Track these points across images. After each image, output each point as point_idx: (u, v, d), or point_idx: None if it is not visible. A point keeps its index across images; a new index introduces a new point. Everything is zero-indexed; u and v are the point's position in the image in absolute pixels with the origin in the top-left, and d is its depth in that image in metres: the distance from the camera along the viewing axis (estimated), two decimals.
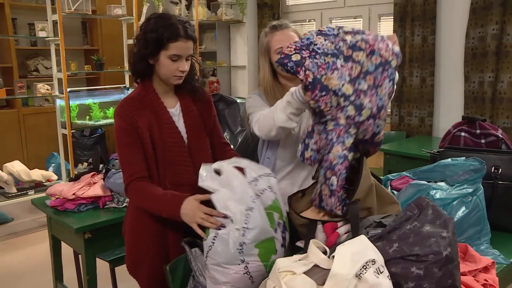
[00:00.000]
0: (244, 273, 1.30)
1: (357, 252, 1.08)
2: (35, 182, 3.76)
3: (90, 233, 2.05)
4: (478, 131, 2.02)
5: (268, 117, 1.62)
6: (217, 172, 1.40)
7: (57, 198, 2.17)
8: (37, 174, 3.76)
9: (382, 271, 1.07)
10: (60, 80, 3.98)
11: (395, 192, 1.78)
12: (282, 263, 1.15)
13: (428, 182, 1.73)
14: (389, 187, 1.85)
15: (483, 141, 1.99)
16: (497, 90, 3.54)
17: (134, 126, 1.58)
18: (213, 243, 1.30)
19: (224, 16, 5.19)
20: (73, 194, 2.13)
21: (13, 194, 3.66)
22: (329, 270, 1.06)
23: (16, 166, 3.69)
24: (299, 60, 1.37)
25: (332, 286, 1.03)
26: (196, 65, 1.72)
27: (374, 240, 1.23)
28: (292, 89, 1.53)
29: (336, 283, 1.03)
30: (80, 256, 2.31)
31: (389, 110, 4.18)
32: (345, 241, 1.18)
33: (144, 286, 1.69)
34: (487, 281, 1.33)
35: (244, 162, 1.46)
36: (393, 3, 4.01)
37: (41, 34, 3.80)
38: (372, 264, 1.06)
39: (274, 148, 1.85)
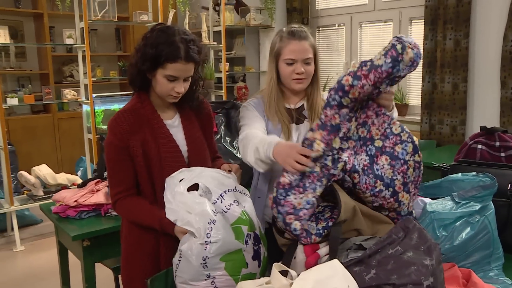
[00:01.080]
0: None
1: (322, 280, 0.98)
2: (61, 186, 3.85)
3: (89, 241, 2.04)
4: (497, 144, 1.84)
5: (245, 145, 1.56)
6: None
7: (60, 205, 2.18)
8: (62, 178, 3.84)
9: None
10: (87, 86, 4.07)
11: None
12: (245, 286, 1.07)
13: (434, 198, 1.59)
14: None
15: (502, 154, 1.81)
16: None
17: (125, 144, 1.52)
18: (180, 260, 1.24)
19: (253, 21, 5.14)
20: (75, 201, 2.13)
21: (40, 197, 3.78)
22: None
23: (43, 170, 3.79)
24: (335, 125, 1.33)
25: None
26: (200, 82, 1.64)
27: (352, 264, 1.13)
28: (269, 138, 1.48)
29: None
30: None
31: (419, 118, 3.97)
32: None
33: None
34: None
35: (207, 174, 1.39)
36: (424, 6, 3.81)
37: (68, 41, 3.90)
38: None
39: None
